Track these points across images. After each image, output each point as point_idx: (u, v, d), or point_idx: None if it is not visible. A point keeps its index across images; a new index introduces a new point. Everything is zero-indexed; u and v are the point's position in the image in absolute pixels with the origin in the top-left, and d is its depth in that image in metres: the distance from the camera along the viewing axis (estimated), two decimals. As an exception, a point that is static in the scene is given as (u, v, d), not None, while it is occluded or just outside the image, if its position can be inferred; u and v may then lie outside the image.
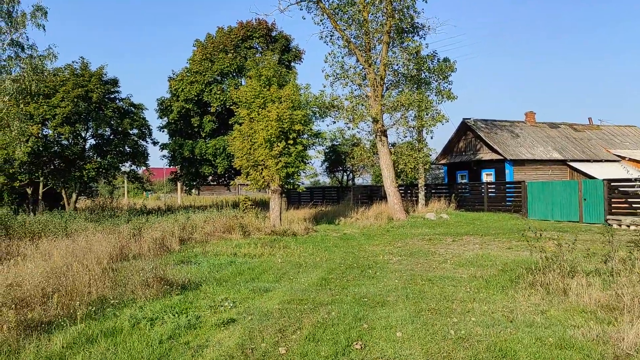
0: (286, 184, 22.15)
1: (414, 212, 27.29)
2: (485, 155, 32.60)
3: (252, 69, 23.87)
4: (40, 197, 33.73)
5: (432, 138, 59.25)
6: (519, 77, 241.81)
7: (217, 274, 11.29)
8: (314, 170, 27.27)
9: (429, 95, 24.74)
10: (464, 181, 34.68)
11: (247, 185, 24.36)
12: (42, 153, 29.77)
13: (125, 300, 8.29)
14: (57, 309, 7.14)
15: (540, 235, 9.76)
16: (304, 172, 22.66)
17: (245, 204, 25.25)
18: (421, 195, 28.23)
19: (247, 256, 14.59)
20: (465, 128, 34.42)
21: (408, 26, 23.55)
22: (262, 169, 21.82)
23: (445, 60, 24.98)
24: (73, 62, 32.19)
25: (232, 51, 31.62)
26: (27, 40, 22.03)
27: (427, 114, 24.39)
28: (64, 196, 33.27)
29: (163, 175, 72.86)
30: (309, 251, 15.42)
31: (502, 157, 30.91)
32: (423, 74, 25.29)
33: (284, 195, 33.21)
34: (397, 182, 25.21)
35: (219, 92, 29.87)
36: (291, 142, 21.09)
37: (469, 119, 33.94)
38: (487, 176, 33.13)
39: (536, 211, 24.43)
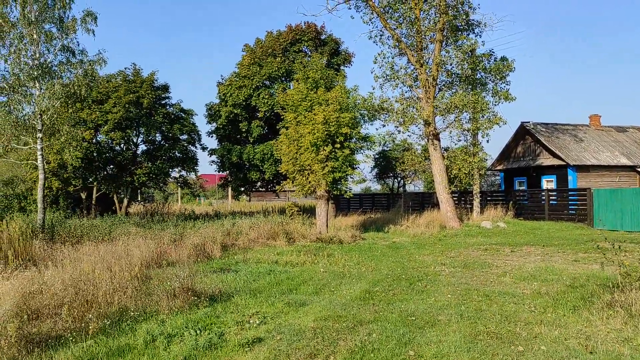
0: (333, 190, 21.29)
1: (468, 220, 25.80)
2: (546, 160, 30.63)
3: (299, 72, 23.20)
4: (93, 202, 34.37)
5: (488, 142, 56.00)
6: (580, 78, 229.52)
7: (253, 283, 10.53)
8: (362, 175, 26.37)
9: (485, 97, 23.29)
10: (522, 188, 32.73)
11: (294, 191, 23.67)
12: (95, 158, 30.20)
13: (148, 312, 7.62)
14: (68, 322, 6.52)
15: (619, 247, 8.41)
16: (351, 178, 21.75)
17: (291, 210, 24.60)
18: (476, 202, 26.68)
19: (289, 264, 13.80)
20: (523, 132, 32.52)
21: (463, 23, 22.24)
22: (308, 174, 21.07)
23: (503, 59, 23.46)
24: (125, 68, 32.62)
25: (281, 55, 31.16)
26: (78, 45, 22.24)
27: (483, 116, 22.94)
28: (116, 201, 33.72)
29: (215, 181, 73.69)
30: (355, 260, 14.46)
31: (564, 163, 28.89)
32: (478, 74, 23.86)
33: (331, 201, 32.38)
34: (450, 189, 23.86)
35: (267, 96, 29.43)
36: (338, 146, 20.24)
37: (528, 122, 32.05)
38: (548, 183, 31.11)
39: (603, 220, 22.46)
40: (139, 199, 53.29)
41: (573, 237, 19.38)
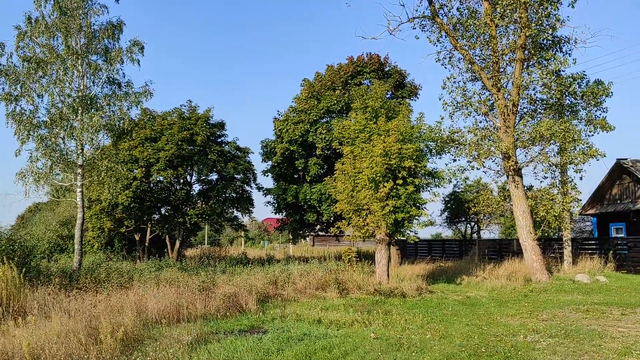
0: (395, 233, 18.30)
1: (559, 272, 21.81)
2: (650, 203, 26.16)
3: (357, 100, 20.78)
4: (146, 244, 33.04)
5: (581, 179, 47.66)
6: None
7: (272, 357, 7.75)
8: (430, 217, 23.21)
9: (576, 125, 19.72)
10: (620, 235, 28.13)
11: (349, 235, 20.88)
12: (145, 198, 28.89)
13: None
14: None
15: None
16: (416, 219, 18.66)
17: (348, 255, 21.77)
18: (567, 251, 22.63)
19: (334, 325, 10.94)
20: (620, 170, 28.20)
21: (548, 39, 19.06)
22: (366, 214, 18.29)
23: (598, 82, 19.93)
24: (181, 105, 31.69)
25: (341, 88, 29.05)
26: (123, 77, 21.12)
27: (574, 148, 19.28)
28: (168, 243, 32.20)
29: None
30: (418, 322, 11.35)
31: (674, 206, 24.36)
32: (567, 100, 20.40)
33: (396, 247, 29.20)
34: (536, 234, 20.14)
35: (324, 131, 27.19)
36: (400, 182, 17.40)
37: (625, 159, 27.77)
38: (652, 229, 26.50)
39: None
40: (194, 240, 52.25)
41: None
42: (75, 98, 19.88)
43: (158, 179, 29.17)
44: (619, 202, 28.56)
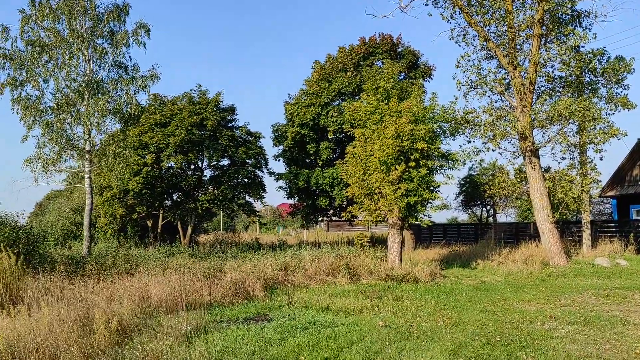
0: (409, 217, 17.77)
1: (577, 256, 21.15)
2: (673, 184, 25.28)
3: (368, 81, 20.17)
4: (159, 230, 32.96)
5: (601, 159, 41.87)
6: None
7: (274, 347, 7.37)
8: (444, 200, 22.42)
9: (596, 103, 18.89)
10: (642, 217, 27.30)
11: (361, 219, 20.43)
12: (156, 184, 28.69)
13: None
14: None
15: None
16: (430, 203, 18.09)
17: (360, 240, 21.35)
18: (586, 234, 21.92)
19: (342, 312, 10.55)
20: (642, 150, 27.29)
21: (567, 13, 18.20)
22: (377, 198, 17.79)
23: (619, 58, 19.04)
24: (191, 90, 31.41)
25: (352, 70, 28.38)
26: (130, 60, 20.80)
27: (595, 127, 18.49)
28: (180, 229, 32.08)
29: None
30: (430, 308, 10.90)
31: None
32: (587, 77, 19.54)
33: (410, 231, 28.66)
34: (554, 217, 19.46)
35: (336, 114, 26.63)
36: (413, 164, 16.84)
37: (647, 138, 26.83)
38: (675, 211, 25.64)
39: None
40: (208, 227, 52.21)
41: None
42: (81, 82, 19.60)
43: (169, 164, 28.93)
44: (640, 183, 27.67)
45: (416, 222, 18.47)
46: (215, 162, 30.61)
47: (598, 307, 11.14)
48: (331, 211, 32.80)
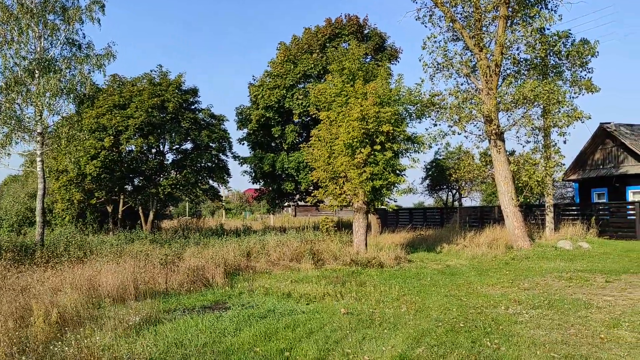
0: (374, 201, 17.49)
1: (540, 239, 21.33)
2: (632, 168, 25.75)
3: (333, 63, 19.70)
4: (119, 216, 31.94)
5: (565, 142, 42.30)
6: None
7: (227, 338, 6.93)
8: (409, 184, 22.36)
9: (561, 86, 18.89)
10: (602, 201, 27.78)
11: (327, 204, 20.06)
12: (115, 168, 27.64)
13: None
14: None
15: None
16: (395, 187, 17.85)
17: (325, 225, 21.04)
18: (549, 217, 22.11)
19: (303, 299, 10.19)
20: (603, 135, 27.68)
21: (533, -5, 18.07)
22: (343, 182, 17.44)
23: (584, 41, 19.06)
24: (151, 71, 30.24)
25: (318, 52, 27.82)
26: (84, 37, 19.73)
27: (559, 110, 18.50)
28: (141, 215, 31.14)
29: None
30: (394, 294, 10.64)
31: (656, 170, 23.95)
32: (551, 60, 19.52)
33: (376, 216, 28.52)
34: (518, 200, 19.51)
35: (301, 96, 26.07)
36: (378, 147, 16.55)
37: (608, 123, 27.22)
38: (634, 194, 26.16)
39: None
40: (173, 212, 51.12)
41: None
42: (31, 60, 18.46)
43: (128, 148, 27.86)
44: (601, 167, 28.13)
45: (382, 207, 18.24)
46: (177, 146, 29.69)
47: (561, 291, 11.09)
48: (297, 196, 32.37)
